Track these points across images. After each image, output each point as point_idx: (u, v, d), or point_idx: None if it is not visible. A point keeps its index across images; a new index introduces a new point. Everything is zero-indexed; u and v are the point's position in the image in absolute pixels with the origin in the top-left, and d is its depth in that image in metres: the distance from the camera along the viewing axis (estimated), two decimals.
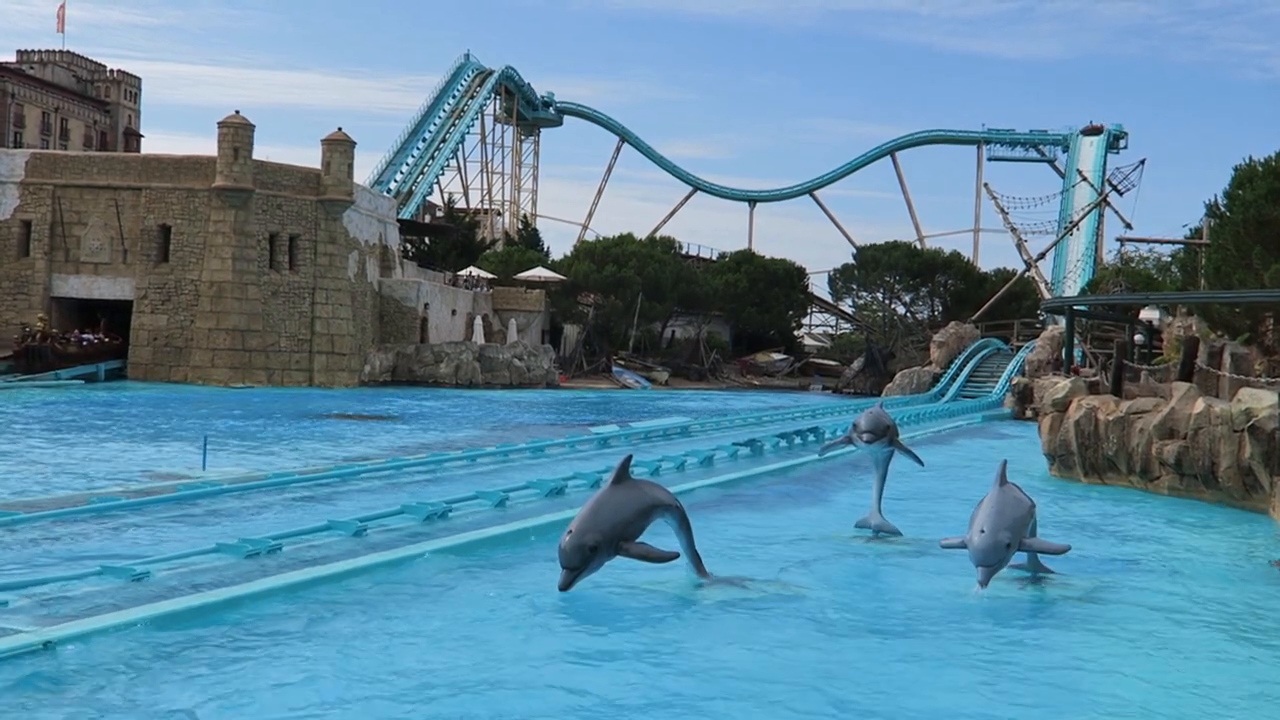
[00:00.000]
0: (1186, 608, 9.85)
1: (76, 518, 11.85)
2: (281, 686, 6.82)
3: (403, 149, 78.56)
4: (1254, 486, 15.82)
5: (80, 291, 44.48)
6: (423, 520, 12.14)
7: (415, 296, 51.66)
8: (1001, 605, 9.61)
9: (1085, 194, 78.67)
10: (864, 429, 12.26)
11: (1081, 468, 19.12)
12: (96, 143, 77.60)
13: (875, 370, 60.83)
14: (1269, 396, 15.68)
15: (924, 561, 11.25)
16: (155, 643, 7.42)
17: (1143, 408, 18.21)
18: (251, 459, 18.66)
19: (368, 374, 47.65)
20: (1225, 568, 11.87)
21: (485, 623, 8.39)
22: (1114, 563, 11.75)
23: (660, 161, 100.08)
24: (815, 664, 7.69)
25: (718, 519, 13.26)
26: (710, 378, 65.83)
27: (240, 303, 43.47)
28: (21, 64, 76.97)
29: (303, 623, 8.19)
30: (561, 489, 14.56)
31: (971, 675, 7.56)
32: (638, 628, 8.57)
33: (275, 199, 44.87)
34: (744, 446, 20.72)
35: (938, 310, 69.74)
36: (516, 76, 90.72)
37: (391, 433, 25.26)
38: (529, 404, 39.37)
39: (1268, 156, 26.87)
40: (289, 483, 14.79)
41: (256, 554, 10.02)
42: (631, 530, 9.09)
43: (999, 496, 9.95)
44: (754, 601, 9.34)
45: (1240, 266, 26.07)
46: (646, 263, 65.10)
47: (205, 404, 31.95)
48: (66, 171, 44.91)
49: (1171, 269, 44.71)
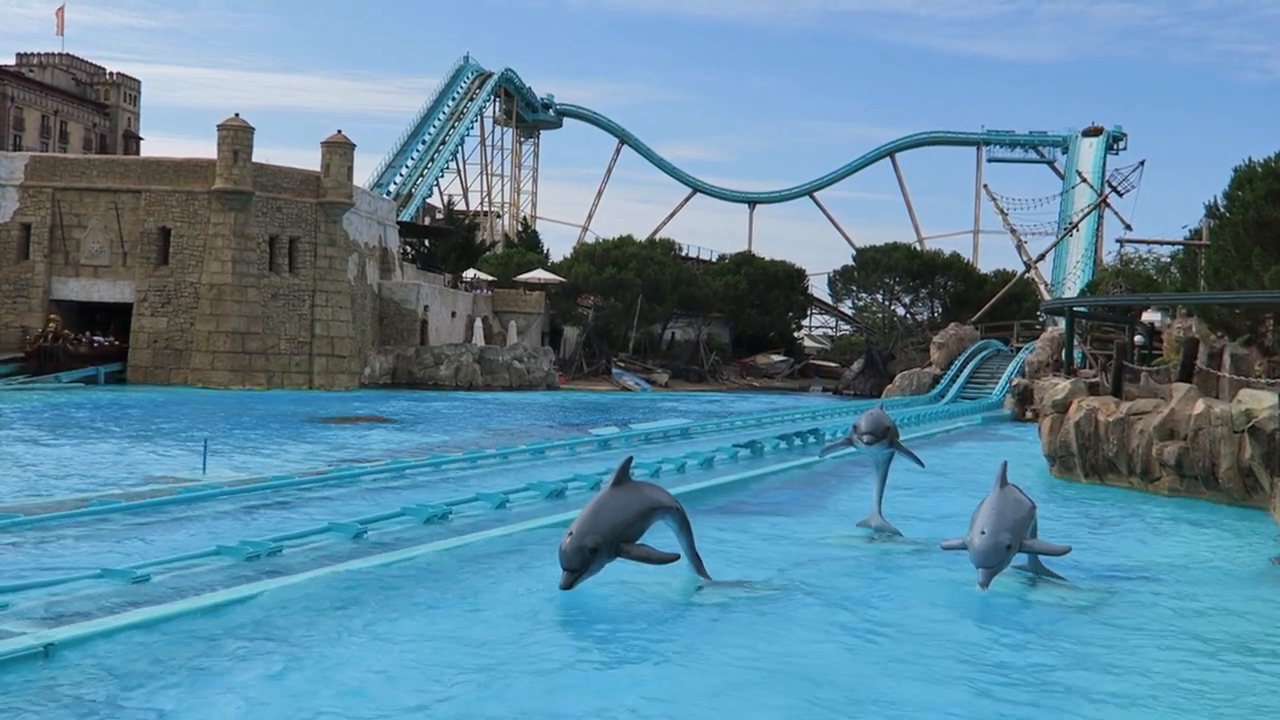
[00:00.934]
0: (1187, 608, 9.84)
1: (76, 520, 11.85)
2: (280, 689, 6.81)
3: (402, 151, 78.62)
4: (1254, 487, 15.82)
5: (80, 294, 44.47)
6: (423, 522, 12.15)
7: (415, 299, 51.67)
8: (1002, 606, 9.60)
9: (1085, 195, 78.68)
10: (864, 430, 12.27)
11: (1082, 469, 19.12)
12: (96, 145, 77.61)
13: (875, 372, 60.80)
14: (1269, 397, 15.68)
15: (924, 563, 11.25)
16: (156, 645, 7.42)
17: (1143, 409, 18.21)
18: (251, 462, 18.65)
19: (368, 376, 47.65)
20: (1226, 568, 11.87)
21: (484, 624, 8.38)
22: (1114, 564, 11.74)
23: (660, 163, 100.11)
24: (815, 665, 7.69)
25: (718, 521, 13.26)
26: (710, 379, 65.81)
27: (240, 305, 43.47)
28: (21, 67, 76.96)
29: (300, 624, 8.18)
30: (562, 491, 14.57)
31: (971, 676, 7.56)
32: (638, 629, 8.56)
33: (275, 201, 44.88)
34: (744, 448, 20.72)
35: (937, 312, 69.72)
36: (516, 79, 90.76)
37: (391, 435, 25.25)
38: (529, 406, 39.36)
39: (1267, 157, 26.86)
40: (289, 485, 14.79)
41: (257, 556, 10.03)
42: (632, 532, 9.09)
43: (999, 498, 9.95)
44: (755, 603, 9.34)
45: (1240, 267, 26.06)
46: (646, 264, 65.11)
47: (205, 407, 31.95)
48: (66, 174, 44.91)
49: (1171, 270, 44.70)
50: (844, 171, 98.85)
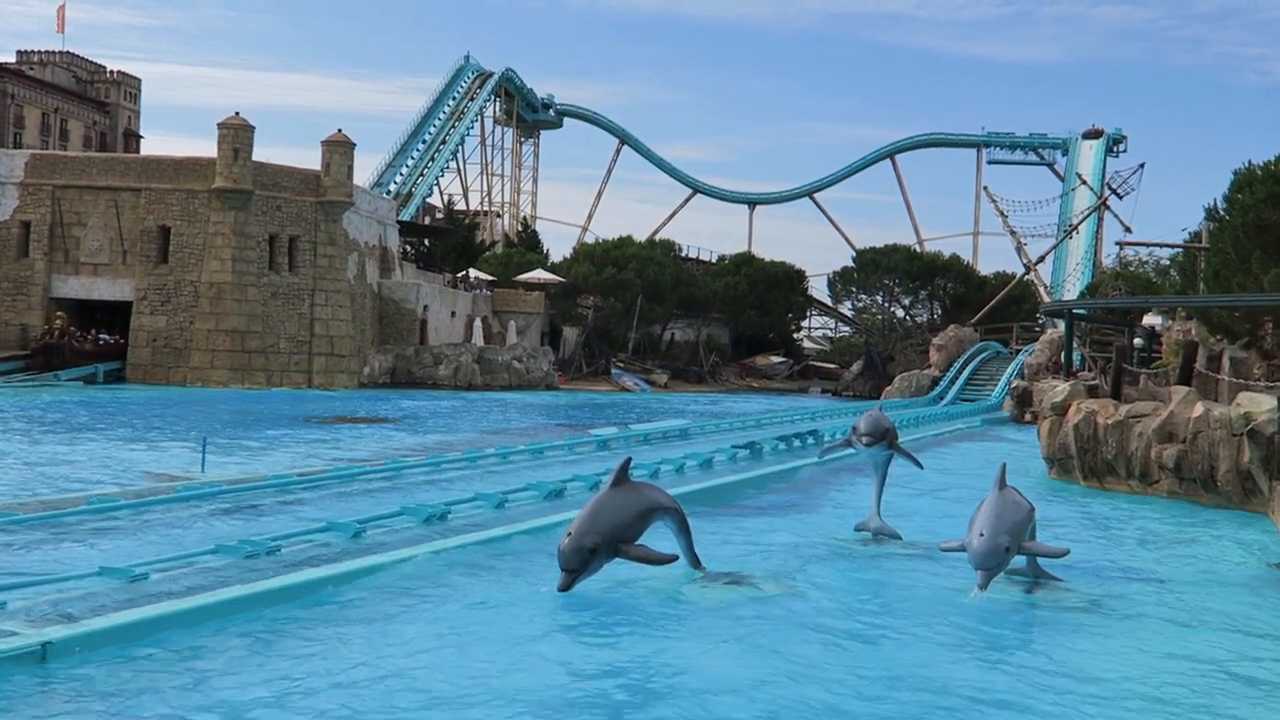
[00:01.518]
0: (1185, 611, 9.85)
1: (75, 518, 11.84)
2: (276, 689, 6.81)
3: (402, 151, 78.60)
4: (1253, 490, 15.82)
5: (79, 292, 44.46)
6: (422, 522, 12.14)
7: (415, 298, 51.66)
8: (1000, 608, 9.60)
9: (1085, 197, 78.75)
10: (863, 432, 12.26)
11: (1080, 471, 19.12)
12: (96, 144, 77.60)
13: (874, 373, 60.80)
14: (1268, 400, 15.68)
15: (923, 564, 11.25)
16: (154, 643, 7.41)
17: (1142, 411, 18.21)
18: (250, 461, 18.65)
19: (367, 376, 47.65)
20: (1224, 571, 11.86)
21: (482, 624, 8.38)
22: (1113, 566, 11.74)
23: (660, 164, 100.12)
24: (813, 666, 7.69)
25: (716, 522, 13.25)
26: (709, 380, 65.81)
27: (240, 304, 43.46)
28: (21, 65, 76.97)
29: (297, 625, 8.18)
30: (561, 491, 14.56)
31: (969, 677, 7.56)
32: (636, 629, 8.55)
33: (275, 200, 44.87)
34: (743, 449, 20.71)
35: (937, 313, 69.76)
36: (516, 78, 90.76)
37: (390, 435, 25.25)
38: (528, 406, 39.35)
39: (1267, 160, 26.84)
40: (288, 484, 14.78)
41: (255, 555, 10.02)
42: (630, 532, 9.09)
43: (998, 500, 9.95)
44: (753, 604, 9.33)
45: (1239, 270, 26.06)
46: (646, 265, 65.10)
47: (204, 405, 31.93)
48: (66, 172, 44.90)
49: (1170, 273, 44.71)
50: (844, 173, 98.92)
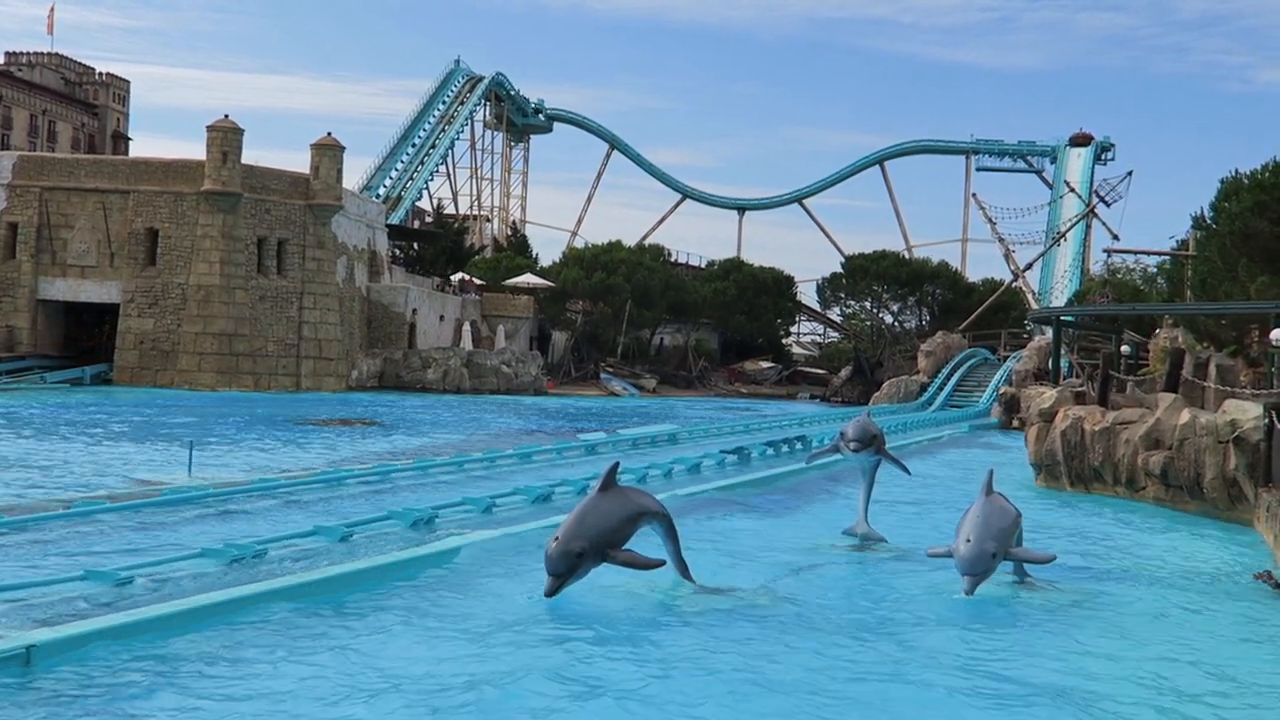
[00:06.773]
0: (1170, 619, 9.87)
1: (60, 522, 11.79)
2: (263, 694, 6.79)
3: (392, 154, 78.50)
4: (1239, 498, 15.87)
5: (66, 295, 44.30)
6: (409, 526, 12.12)
7: (403, 302, 51.59)
8: (987, 614, 9.61)
9: (1073, 205, 79.03)
10: (851, 438, 12.29)
11: (1068, 478, 19.16)
12: (84, 145, 77.37)
13: (863, 379, 60.90)
14: (1254, 408, 15.73)
15: (910, 570, 11.26)
16: (140, 647, 7.38)
17: (1129, 418, 18.26)
18: (237, 464, 18.59)
19: (355, 379, 47.56)
20: (1209, 579, 11.89)
21: (472, 630, 8.37)
22: (1099, 573, 11.77)
23: (649, 169, 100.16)
24: (801, 671, 7.69)
25: (705, 526, 13.25)
26: (698, 385, 65.84)
27: (227, 307, 43.34)
28: (9, 66, 76.74)
29: (289, 629, 8.16)
30: (548, 495, 14.55)
31: (955, 682, 7.56)
32: (623, 635, 8.54)
33: (263, 203, 44.78)
34: (731, 454, 20.72)
35: (925, 320, 69.95)
36: (507, 83, 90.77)
37: (378, 438, 25.19)
38: (516, 410, 39.31)
39: (1253, 169, 27.00)
40: (274, 488, 14.75)
41: (241, 559, 9.99)
42: (618, 537, 9.07)
43: (985, 506, 9.97)
44: (740, 609, 9.33)
45: (1226, 278, 26.19)
46: (635, 270, 65.14)
47: (191, 408, 31.83)
48: (54, 174, 44.75)
49: (1158, 280, 44.88)
50: (833, 179, 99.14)
